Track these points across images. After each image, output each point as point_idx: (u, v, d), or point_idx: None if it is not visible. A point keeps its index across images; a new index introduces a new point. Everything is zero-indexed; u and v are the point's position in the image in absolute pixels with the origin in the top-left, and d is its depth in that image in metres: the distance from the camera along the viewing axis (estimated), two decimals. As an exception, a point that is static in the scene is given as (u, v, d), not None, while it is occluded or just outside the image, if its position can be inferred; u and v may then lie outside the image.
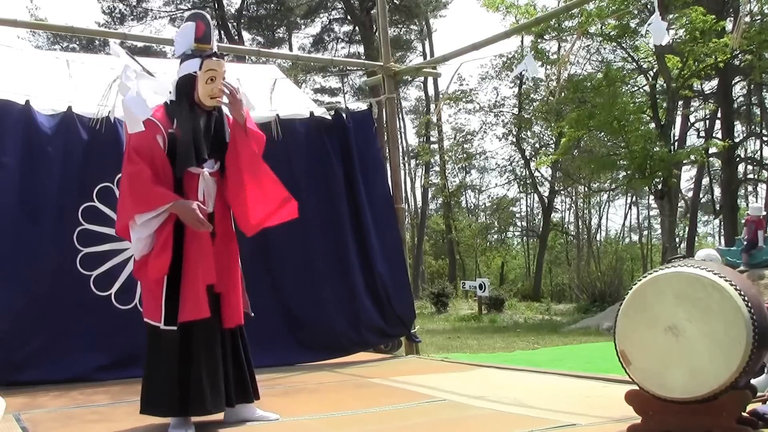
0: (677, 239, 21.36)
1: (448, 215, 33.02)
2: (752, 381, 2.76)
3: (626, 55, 19.37)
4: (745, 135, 27.08)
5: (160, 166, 3.11)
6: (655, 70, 18.37)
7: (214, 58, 3.24)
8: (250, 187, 3.27)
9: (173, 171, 3.15)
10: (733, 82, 23.17)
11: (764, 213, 12.19)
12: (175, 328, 3.08)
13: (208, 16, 3.39)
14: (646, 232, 36.61)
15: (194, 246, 3.13)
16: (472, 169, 35.77)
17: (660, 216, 20.05)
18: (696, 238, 27.70)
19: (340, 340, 5.64)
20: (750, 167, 28.63)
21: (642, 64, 19.00)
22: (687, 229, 26.59)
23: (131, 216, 3.06)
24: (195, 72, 3.22)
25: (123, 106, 3.11)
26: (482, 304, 17.98)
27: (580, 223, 36.64)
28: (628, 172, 18.25)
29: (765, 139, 26.84)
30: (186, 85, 3.23)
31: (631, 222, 38.12)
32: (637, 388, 2.72)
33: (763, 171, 26.94)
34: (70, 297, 4.83)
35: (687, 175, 28.15)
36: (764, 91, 23.63)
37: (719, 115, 23.08)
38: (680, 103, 20.34)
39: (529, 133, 31.17)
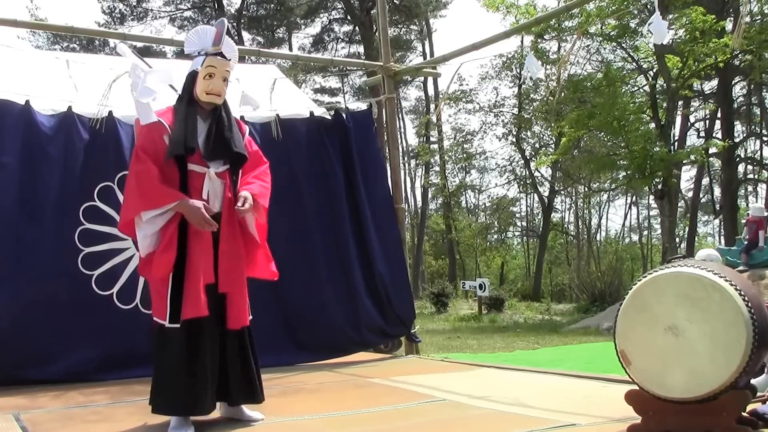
0: (677, 239, 21.35)
1: (448, 215, 33.03)
2: (752, 381, 2.76)
3: (626, 55, 19.38)
4: (745, 135, 27.09)
5: (165, 165, 3.14)
6: (655, 70, 18.37)
7: (217, 57, 3.28)
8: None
9: (178, 170, 3.18)
10: (733, 82, 23.17)
11: (766, 213, 12.16)
12: (178, 325, 3.10)
13: (225, 22, 3.43)
14: (646, 232, 36.66)
15: (197, 245, 3.17)
16: (472, 169, 35.82)
17: (660, 216, 20.04)
18: (696, 238, 27.70)
19: (340, 340, 5.63)
20: (750, 167, 28.64)
21: (642, 64, 19.00)
22: (687, 229, 26.59)
23: (137, 212, 3.11)
24: (197, 69, 3.28)
25: (135, 101, 3.18)
26: (482, 304, 17.99)
27: (580, 223, 36.67)
28: (628, 172, 18.25)
29: (765, 139, 26.85)
30: (188, 82, 3.31)
31: (631, 222, 38.17)
32: (637, 388, 2.72)
33: (763, 171, 26.96)
34: (71, 296, 4.82)
35: (687, 175, 28.20)
36: (764, 91, 23.65)
37: (719, 115, 23.08)
38: (680, 103, 20.35)
39: (529, 133, 31.20)
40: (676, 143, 20.80)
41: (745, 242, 12.07)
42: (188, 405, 3.13)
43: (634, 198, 34.20)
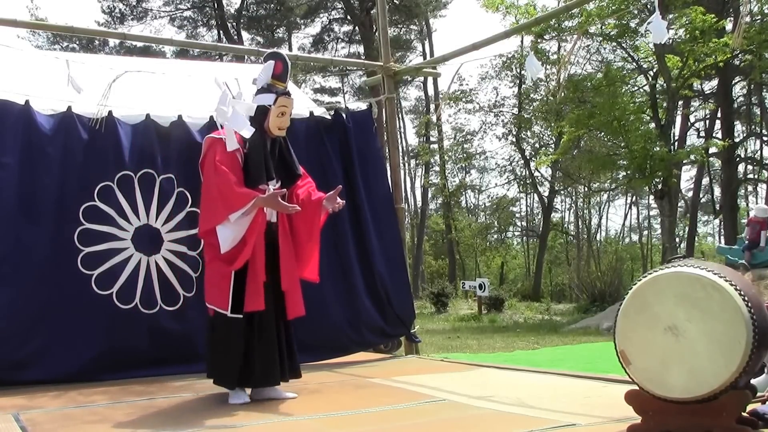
0: (677, 239, 21.35)
1: (448, 215, 33.03)
2: (752, 381, 2.76)
3: (626, 55, 19.37)
4: (745, 135, 27.07)
5: (238, 177, 3.71)
6: (655, 70, 18.36)
7: (289, 98, 3.88)
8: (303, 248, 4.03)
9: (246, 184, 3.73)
10: (733, 82, 23.15)
11: (769, 214, 12.14)
12: (241, 316, 3.70)
13: (287, 58, 3.99)
14: (646, 232, 36.69)
15: (256, 249, 3.72)
16: (472, 169, 35.82)
17: (660, 216, 20.05)
18: (696, 238, 27.71)
19: (340, 339, 5.62)
20: (750, 167, 28.63)
21: (642, 64, 18.99)
22: (687, 229, 26.60)
23: (225, 217, 3.62)
24: (269, 105, 3.82)
25: (226, 128, 3.75)
26: (482, 304, 17.99)
27: (580, 223, 36.69)
28: (628, 172, 18.25)
29: (765, 139, 26.85)
30: (259, 114, 3.82)
31: (631, 222, 38.21)
32: (637, 388, 2.71)
33: (763, 171, 26.94)
34: (71, 296, 4.80)
35: (687, 175, 28.20)
36: (764, 91, 23.62)
37: (719, 115, 23.08)
38: (680, 103, 20.32)
39: (529, 133, 31.18)
40: (676, 143, 20.80)
41: (746, 241, 12.07)
42: (243, 380, 3.77)
43: (634, 198, 34.23)
